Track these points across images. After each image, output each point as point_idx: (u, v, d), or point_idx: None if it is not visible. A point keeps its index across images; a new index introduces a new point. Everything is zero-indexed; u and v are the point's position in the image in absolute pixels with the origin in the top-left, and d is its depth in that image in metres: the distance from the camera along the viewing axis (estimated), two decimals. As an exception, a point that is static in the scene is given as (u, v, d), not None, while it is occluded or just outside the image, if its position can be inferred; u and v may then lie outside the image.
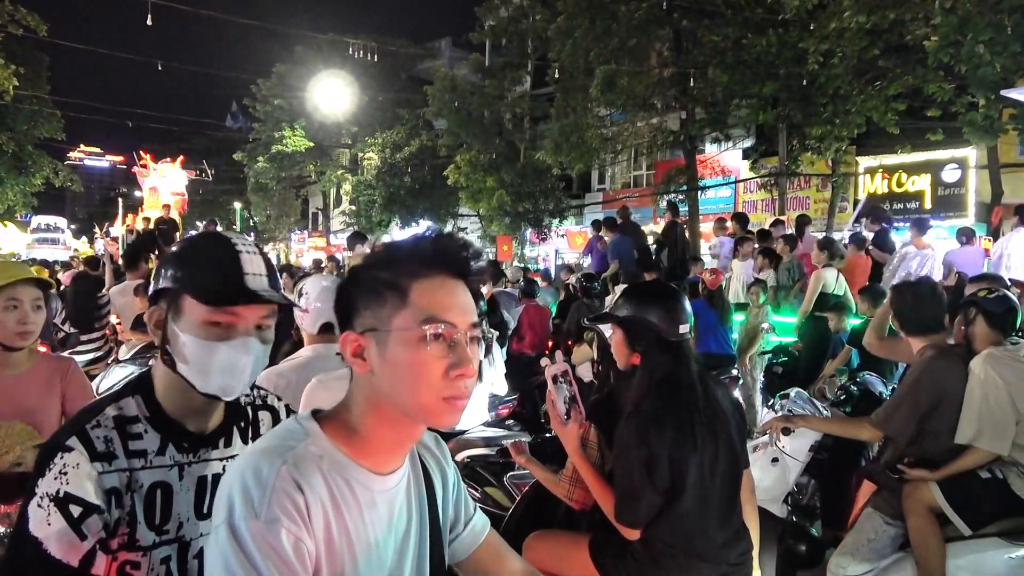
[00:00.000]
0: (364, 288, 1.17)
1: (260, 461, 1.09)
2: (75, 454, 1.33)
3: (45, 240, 27.95)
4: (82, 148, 64.45)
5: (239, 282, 1.41)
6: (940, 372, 3.40)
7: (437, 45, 33.78)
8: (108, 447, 1.36)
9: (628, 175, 23.57)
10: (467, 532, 1.44)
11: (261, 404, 1.66)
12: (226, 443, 1.53)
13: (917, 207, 16.03)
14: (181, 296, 1.41)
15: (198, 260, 1.44)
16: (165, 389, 1.46)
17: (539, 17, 21.59)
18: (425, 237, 1.19)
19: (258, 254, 1.48)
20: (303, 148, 31.68)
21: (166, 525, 1.41)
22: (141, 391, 1.47)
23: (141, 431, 1.42)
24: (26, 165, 26.94)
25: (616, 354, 2.62)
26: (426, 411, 1.14)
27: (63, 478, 1.31)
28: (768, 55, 13.06)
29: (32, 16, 17.51)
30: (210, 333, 1.39)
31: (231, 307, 1.40)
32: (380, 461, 1.20)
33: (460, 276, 1.19)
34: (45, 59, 27.19)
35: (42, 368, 2.70)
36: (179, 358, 1.41)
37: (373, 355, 1.14)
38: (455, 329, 1.13)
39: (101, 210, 57.01)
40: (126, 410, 1.43)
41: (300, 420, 1.20)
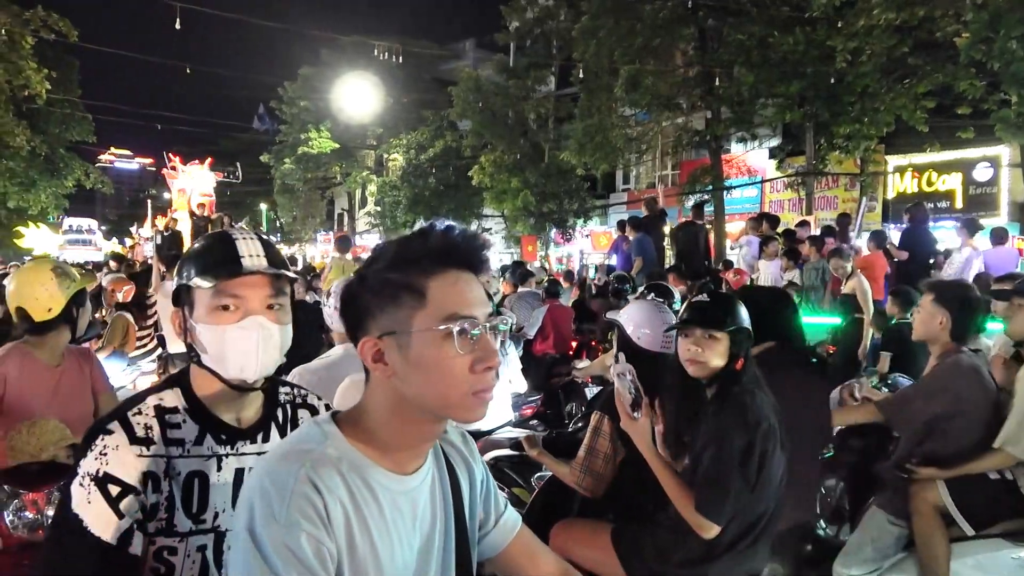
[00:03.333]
0: (376, 291, 1.15)
1: (279, 465, 1.09)
2: (115, 436, 1.39)
3: (76, 241, 28.42)
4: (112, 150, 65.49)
5: (234, 261, 1.47)
6: (962, 380, 3.35)
7: (461, 46, 33.89)
8: (147, 433, 1.42)
9: (653, 175, 23.46)
10: (497, 529, 1.43)
11: (301, 402, 1.68)
12: (264, 438, 1.56)
13: (948, 206, 15.80)
14: (192, 290, 1.48)
15: (202, 252, 1.52)
16: (199, 382, 1.51)
17: (563, 17, 21.57)
18: (434, 232, 1.17)
19: (256, 239, 1.53)
20: (328, 150, 31.93)
21: (203, 514, 1.45)
22: (181, 384, 1.52)
23: (180, 421, 1.47)
24: (58, 167, 27.37)
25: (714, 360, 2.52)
26: (455, 408, 1.13)
27: (103, 459, 1.37)
28: (795, 53, 12.94)
29: (64, 21, 17.77)
30: (220, 318, 1.45)
31: (232, 288, 1.45)
32: (401, 461, 1.19)
33: (473, 269, 1.17)
34: (76, 63, 27.65)
35: (74, 359, 2.93)
36: (200, 349, 1.47)
37: (395, 358, 1.13)
38: (476, 323, 1.12)
39: (131, 212, 57.85)
40: (166, 400, 1.48)
41: (319, 423, 1.19)
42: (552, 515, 3.07)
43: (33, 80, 17.81)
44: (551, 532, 2.88)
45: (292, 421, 1.63)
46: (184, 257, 1.54)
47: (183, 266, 1.51)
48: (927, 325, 3.46)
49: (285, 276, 1.52)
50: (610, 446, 2.74)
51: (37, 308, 2.80)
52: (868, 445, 4.51)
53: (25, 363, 2.79)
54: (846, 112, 13.14)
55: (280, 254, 1.57)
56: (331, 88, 28.56)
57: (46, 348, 2.85)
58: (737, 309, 2.58)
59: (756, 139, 17.01)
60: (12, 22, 17.12)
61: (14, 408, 2.71)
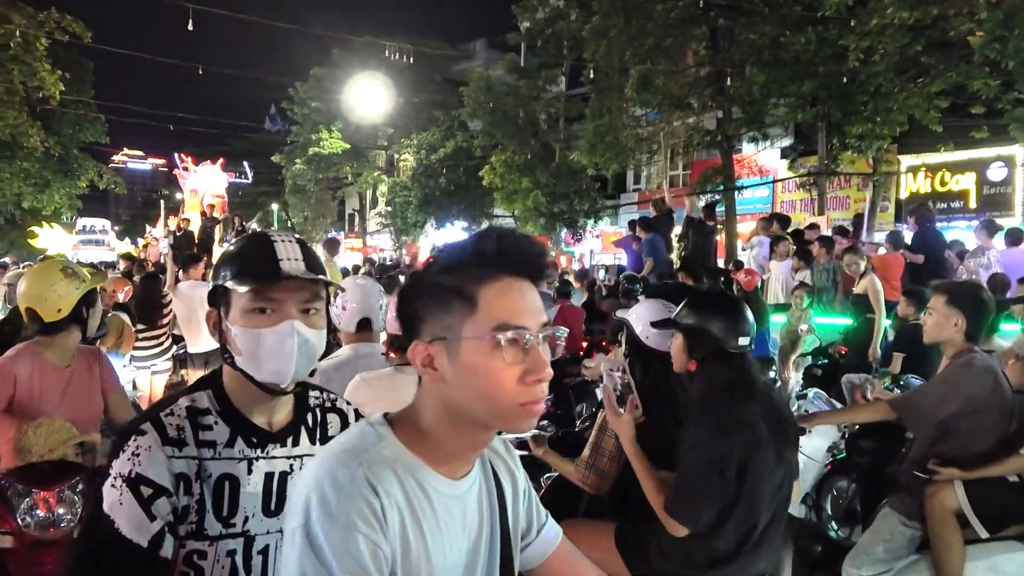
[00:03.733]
0: (428, 295, 1.14)
1: (335, 464, 1.08)
2: (148, 437, 1.38)
3: (90, 242, 28.58)
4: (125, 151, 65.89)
5: (273, 264, 1.45)
6: (976, 380, 3.32)
7: (472, 46, 33.92)
8: (179, 434, 1.41)
9: (664, 175, 23.41)
10: (539, 540, 1.43)
11: (330, 407, 1.67)
12: (294, 442, 1.55)
13: (962, 207, 15.68)
14: (229, 291, 1.47)
15: (239, 254, 1.51)
16: (231, 385, 1.51)
17: (574, 18, 21.55)
18: (488, 237, 1.14)
19: (294, 242, 1.52)
20: (340, 150, 32.00)
21: (233, 518, 1.45)
22: (212, 386, 1.52)
23: (211, 423, 1.47)
24: (71, 168, 27.55)
25: (674, 358, 2.66)
26: (503, 418, 1.12)
27: (135, 460, 1.36)
28: (807, 53, 12.86)
29: (77, 23, 17.88)
30: (255, 321, 1.44)
31: (270, 292, 1.44)
32: (452, 466, 1.18)
33: (528, 276, 1.14)
34: (89, 64, 27.84)
35: (84, 359, 2.92)
36: (234, 351, 1.47)
37: (444, 364, 1.11)
38: (528, 333, 1.09)
39: (143, 212, 58.16)
40: (198, 402, 1.48)
41: (372, 423, 1.18)
42: (558, 515, 3.07)
43: (47, 81, 17.92)
44: None
45: (321, 425, 1.63)
46: (221, 258, 1.54)
47: (220, 267, 1.51)
48: (941, 327, 3.41)
49: (322, 281, 1.51)
50: (615, 444, 2.74)
51: (46, 309, 2.81)
52: (880, 446, 4.49)
53: (35, 363, 2.80)
54: (859, 112, 13.05)
55: (317, 258, 1.56)
56: (342, 89, 28.62)
57: (56, 348, 2.86)
58: (693, 308, 2.60)
59: (768, 139, 16.91)
60: (27, 24, 17.24)
61: (25, 408, 2.72)
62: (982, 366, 3.34)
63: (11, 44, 17.15)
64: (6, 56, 17.46)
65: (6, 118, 18.22)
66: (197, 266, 8.32)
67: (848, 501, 4.91)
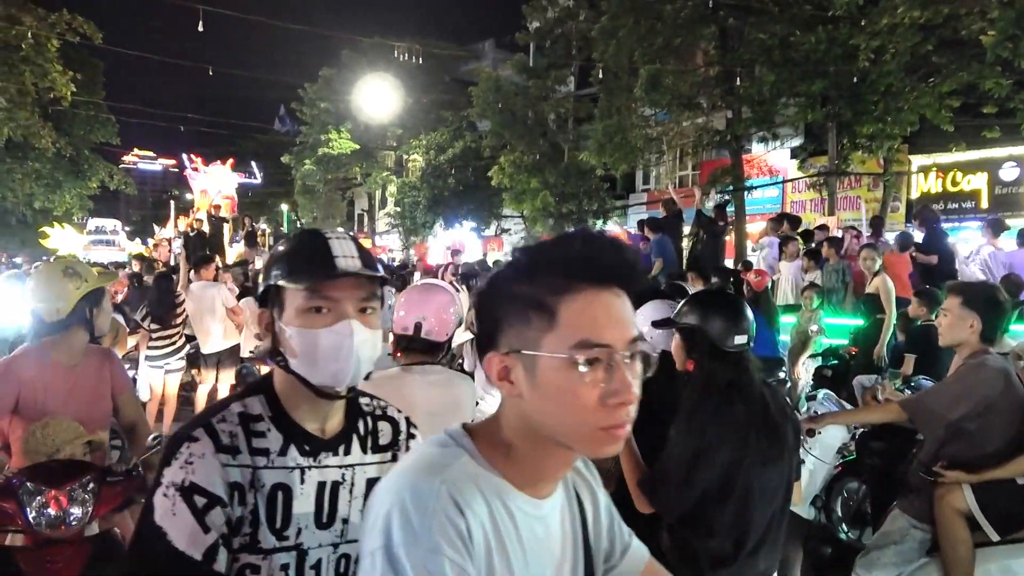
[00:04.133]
0: (506, 303, 1.05)
1: (417, 480, 1.00)
2: (201, 444, 1.33)
3: (100, 242, 28.75)
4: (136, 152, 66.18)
5: (328, 262, 1.39)
6: (989, 382, 3.29)
7: (481, 47, 33.96)
8: (233, 441, 1.36)
9: (673, 175, 23.36)
10: (625, 561, 1.32)
11: (381, 414, 1.61)
12: (346, 450, 1.49)
13: (973, 207, 15.59)
14: (282, 290, 1.41)
15: (292, 251, 1.46)
16: (283, 390, 1.45)
17: (583, 18, 21.53)
18: (572, 240, 1.04)
19: (348, 239, 1.47)
20: (349, 151, 32.08)
21: (286, 530, 1.39)
22: (264, 390, 1.46)
23: (264, 430, 1.41)
24: (82, 169, 27.76)
25: (675, 356, 2.68)
26: (582, 441, 1.03)
27: (189, 468, 1.30)
28: (817, 52, 12.81)
29: (88, 24, 18.00)
30: (311, 320, 1.38)
31: (326, 290, 1.39)
32: (536, 485, 1.10)
33: (616, 285, 1.04)
34: (100, 65, 28.05)
35: (93, 358, 2.92)
36: (289, 353, 1.41)
37: (521, 379, 1.03)
38: (612, 351, 1.00)
39: (154, 212, 58.43)
40: (250, 408, 1.42)
41: (453, 435, 1.10)
42: None
43: (58, 82, 18.06)
44: None
45: (373, 433, 1.56)
46: (273, 257, 1.49)
47: (272, 265, 1.45)
48: (956, 329, 3.37)
49: (380, 279, 1.45)
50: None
51: (46, 309, 2.82)
52: (890, 447, 4.47)
53: (40, 363, 2.81)
54: (869, 111, 13.00)
55: (372, 256, 1.50)
56: (351, 89, 28.70)
57: (62, 348, 2.86)
58: (690, 307, 2.61)
59: (777, 139, 16.86)
60: (38, 25, 17.37)
61: (30, 407, 2.73)
62: (995, 367, 3.31)
63: (23, 45, 17.29)
64: (18, 57, 17.60)
65: (18, 119, 18.35)
66: (209, 267, 8.38)
67: (858, 503, 4.88)
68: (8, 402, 2.72)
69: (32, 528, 2.42)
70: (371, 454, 1.53)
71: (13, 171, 25.18)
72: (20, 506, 2.40)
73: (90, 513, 2.50)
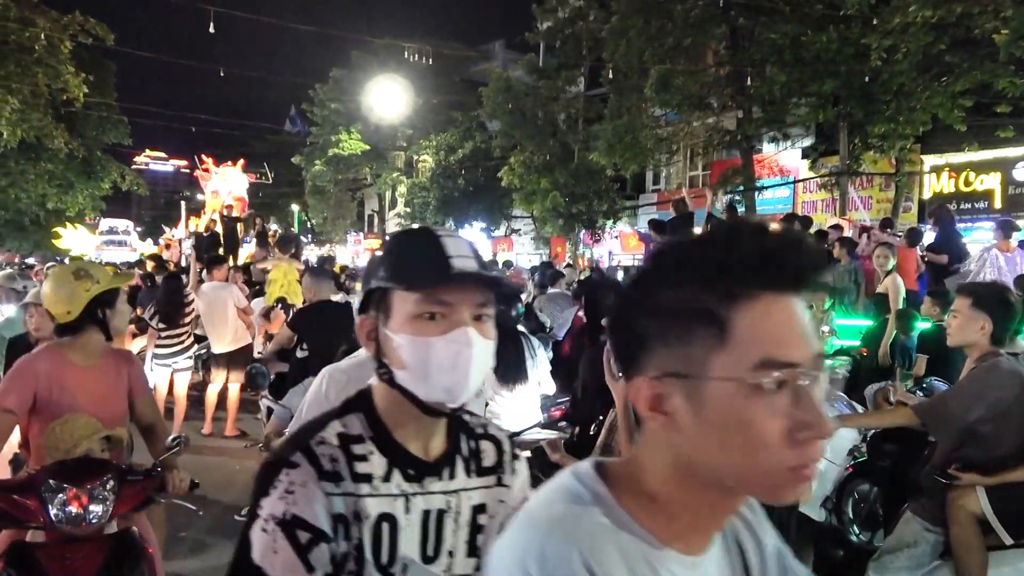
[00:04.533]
0: (654, 315, 0.85)
1: (545, 544, 0.83)
2: (302, 471, 1.19)
3: (112, 242, 28.92)
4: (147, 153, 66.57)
5: (443, 263, 1.25)
6: (1002, 384, 3.28)
7: (491, 47, 33.99)
8: (334, 466, 1.21)
9: (683, 176, 23.33)
10: None
11: (483, 433, 1.44)
12: (450, 474, 1.33)
13: (986, 207, 15.49)
14: (389, 294, 1.27)
15: (401, 251, 1.33)
16: (386, 406, 1.30)
17: (594, 18, 21.53)
18: (746, 235, 0.83)
19: (461, 238, 1.34)
20: (359, 151, 32.18)
21: (392, 567, 1.24)
22: (363, 408, 1.31)
23: (366, 452, 1.26)
24: (95, 170, 27.93)
25: None
26: (761, 486, 0.83)
27: (289, 498, 1.16)
28: (828, 52, 12.78)
29: (101, 26, 18.10)
30: (424, 328, 1.23)
31: (440, 294, 1.23)
32: (689, 540, 0.89)
33: (796, 289, 0.84)
34: (112, 67, 28.23)
35: (111, 359, 2.96)
36: (396, 365, 1.26)
37: (681, 410, 0.82)
38: (800, 372, 0.80)
39: (165, 213, 58.71)
40: (350, 428, 1.28)
41: (582, 478, 0.91)
42: None
43: (71, 84, 18.17)
44: None
45: (476, 454, 1.39)
46: (377, 258, 1.36)
47: (377, 266, 1.31)
48: (966, 330, 3.35)
49: (499, 282, 1.31)
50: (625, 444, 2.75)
51: (57, 310, 2.87)
52: (902, 450, 4.45)
53: (56, 363, 2.85)
54: (881, 111, 12.95)
55: (482, 256, 1.35)
56: (361, 90, 28.79)
57: (77, 348, 2.90)
58: None
59: (788, 139, 16.83)
60: (51, 27, 17.47)
61: (47, 406, 2.77)
62: (1008, 369, 3.29)
63: (36, 47, 17.39)
64: (31, 59, 17.72)
65: (31, 120, 18.47)
66: (221, 267, 8.43)
67: (870, 505, 4.86)
68: (26, 399, 2.76)
69: (53, 525, 2.45)
70: (475, 477, 1.37)
71: (26, 172, 25.37)
72: (42, 503, 2.43)
73: (110, 511, 2.53)
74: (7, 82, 17.15)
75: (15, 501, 2.46)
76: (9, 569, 2.42)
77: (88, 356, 2.92)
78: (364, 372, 2.80)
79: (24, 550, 2.49)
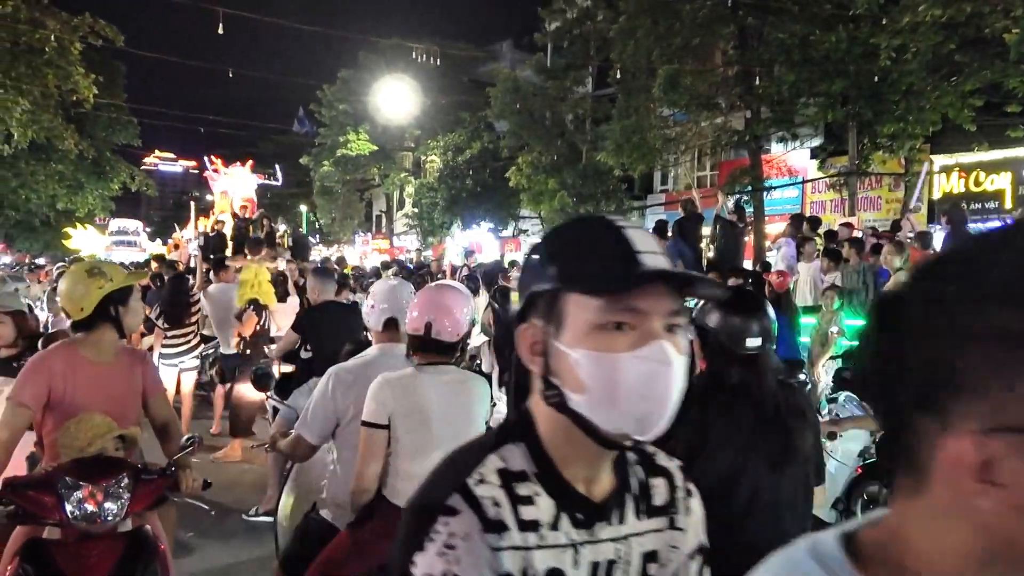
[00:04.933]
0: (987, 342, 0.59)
1: None
2: (463, 520, 0.98)
3: (122, 243, 29.06)
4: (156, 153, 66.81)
5: (631, 260, 1.00)
6: None
7: (498, 48, 34.01)
8: (498, 513, 1.00)
9: (691, 176, 23.29)
10: None
11: (651, 464, 1.20)
12: (619, 518, 1.10)
13: (996, 207, 15.41)
14: (561, 299, 1.02)
15: (577, 246, 1.06)
16: (554, 437, 1.06)
17: (601, 18, 21.53)
18: None
19: (646, 230, 1.11)
20: (367, 152, 32.26)
21: None
22: (524, 437, 1.07)
23: (531, 494, 1.03)
24: (104, 170, 28.08)
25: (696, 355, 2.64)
26: None
27: (450, 554, 0.95)
28: (837, 52, 12.74)
29: (110, 28, 18.17)
30: (609, 341, 0.98)
31: (631, 299, 0.99)
32: None
33: None
34: (122, 68, 28.37)
35: (125, 358, 2.99)
36: (571, 387, 1.01)
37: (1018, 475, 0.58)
38: None
39: (174, 213, 58.92)
40: (510, 462, 1.05)
41: (822, 555, 0.71)
42: None
43: (81, 85, 18.24)
44: None
45: (645, 491, 1.15)
46: (542, 250, 1.10)
47: (542, 264, 1.06)
48: None
49: (695, 282, 1.08)
50: None
51: (71, 307, 2.91)
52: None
53: (70, 359, 2.88)
54: (890, 111, 12.90)
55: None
56: (369, 91, 28.87)
57: (91, 345, 2.93)
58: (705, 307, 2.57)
59: (797, 139, 16.78)
60: (61, 28, 17.55)
61: (61, 403, 2.80)
62: None
63: (46, 48, 17.48)
64: (41, 60, 17.80)
65: (41, 121, 18.57)
66: (228, 269, 8.44)
67: (880, 506, 4.85)
68: (41, 395, 2.79)
69: (69, 522, 2.47)
70: (645, 519, 1.14)
71: (36, 173, 25.53)
72: (59, 500, 2.45)
73: (124, 510, 2.55)
74: (18, 83, 17.25)
75: (32, 497, 2.48)
76: (25, 565, 2.45)
77: (102, 354, 2.95)
78: (371, 371, 2.84)
79: (40, 547, 2.51)
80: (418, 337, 2.74)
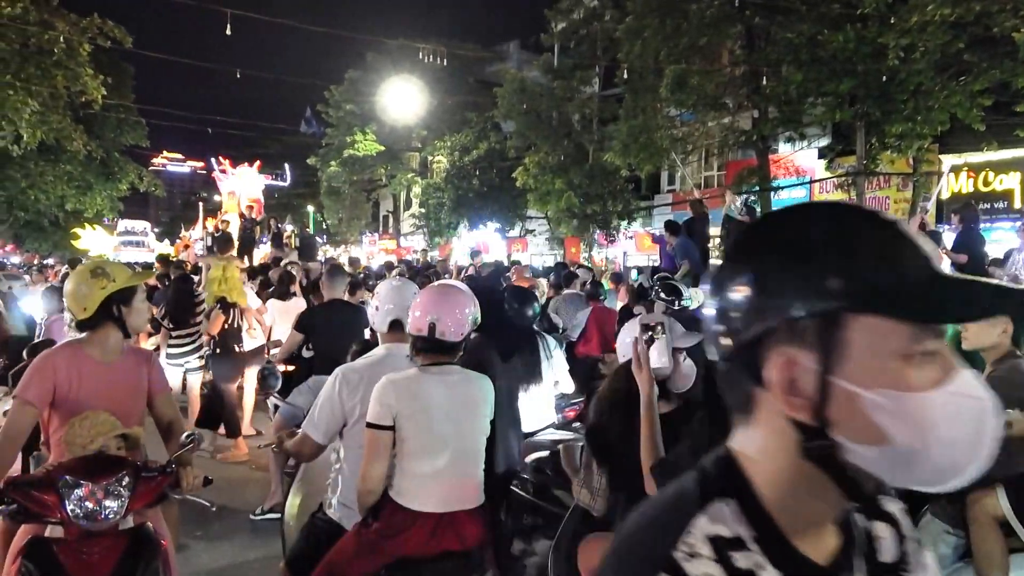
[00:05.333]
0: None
1: None
2: None
3: (130, 243, 29.21)
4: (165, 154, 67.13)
5: (933, 271, 0.78)
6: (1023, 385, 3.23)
7: (505, 48, 34.03)
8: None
9: (699, 176, 23.25)
10: None
11: (874, 508, 0.94)
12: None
13: (1005, 207, 15.33)
14: (843, 321, 0.76)
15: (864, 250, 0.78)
16: (780, 495, 0.82)
17: (608, 18, 21.51)
18: None
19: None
20: (374, 152, 32.34)
21: None
22: (735, 492, 0.83)
23: (752, 566, 0.79)
24: (113, 171, 28.21)
25: None
26: None
27: None
28: (845, 51, 12.68)
29: (119, 29, 18.25)
30: (916, 377, 0.75)
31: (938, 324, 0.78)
32: None
33: None
34: (130, 69, 28.49)
35: (131, 358, 3.00)
36: (859, 437, 0.76)
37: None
38: None
39: (182, 214, 59.17)
40: (722, 525, 0.81)
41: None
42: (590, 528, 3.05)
43: (90, 86, 18.32)
44: (579, 548, 2.86)
45: (871, 543, 0.92)
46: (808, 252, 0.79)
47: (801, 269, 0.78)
48: (985, 332, 3.32)
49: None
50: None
51: (75, 307, 2.93)
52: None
53: (75, 358, 2.89)
54: (899, 111, 12.84)
55: None
56: (376, 91, 28.93)
57: (95, 345, 2.94)
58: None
59: (805, 139, 16.72)
60: (70, 30, 17.63)
61: (66, 401, 2.81)
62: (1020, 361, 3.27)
63: (55, 50, 17.56)
64: (50, 62, 17.88)
65: (50, 122, 18.66)
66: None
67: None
68: (46, 393, 2.80)
69: (70, 520, 2.47)
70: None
71: (45, 173, 25.65)
72: (60, 498, 2.46)
73: (125, 507, 2.56)
74: (27, 84, 17.32)
75: (34, 496, 2.49)
76: (28, 564, 2.45)
77: (107, 353, 2.96)
78: (377, 370, 2.83)
79: (43, 545, 2.52)
80: (421, 337, 2.74)
